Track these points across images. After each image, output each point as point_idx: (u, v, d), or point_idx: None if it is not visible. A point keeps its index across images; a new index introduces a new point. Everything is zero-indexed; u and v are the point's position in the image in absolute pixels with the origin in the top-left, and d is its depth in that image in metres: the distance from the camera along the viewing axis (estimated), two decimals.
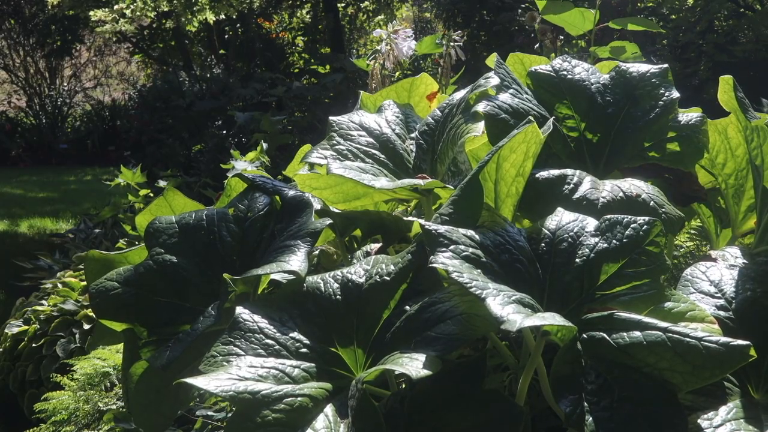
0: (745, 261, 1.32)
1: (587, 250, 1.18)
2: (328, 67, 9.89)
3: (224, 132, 7.35)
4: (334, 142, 1.54)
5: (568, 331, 1.09)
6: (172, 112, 8.26)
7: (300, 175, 1.56)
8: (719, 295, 1.25)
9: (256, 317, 1.18)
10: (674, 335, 1.03)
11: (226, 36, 12.84)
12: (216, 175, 5.75)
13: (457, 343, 1.07)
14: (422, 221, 1.19)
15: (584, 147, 1.58)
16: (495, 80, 1.49)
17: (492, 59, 1.59)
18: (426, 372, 1.00)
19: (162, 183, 4.81)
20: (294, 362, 1.13)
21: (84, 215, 6.39)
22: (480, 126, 1.39)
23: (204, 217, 1.46)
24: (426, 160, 1.54)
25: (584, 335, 1.09)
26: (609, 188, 1.35)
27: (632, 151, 1.54)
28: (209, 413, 1.94)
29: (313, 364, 1.14)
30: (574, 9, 2.59)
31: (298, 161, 1.77)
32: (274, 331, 1.17)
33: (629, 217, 1.19)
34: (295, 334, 1.17)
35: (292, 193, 1.45)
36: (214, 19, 9.85)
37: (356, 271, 1.25)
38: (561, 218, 1.25)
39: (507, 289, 1.06)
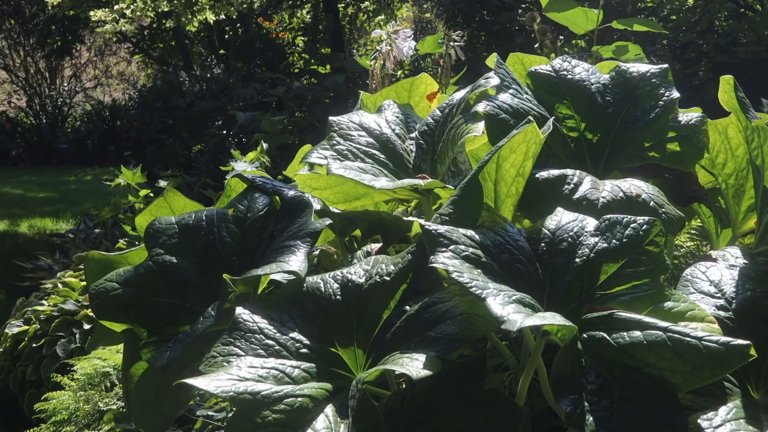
0: (745, 261, 1.32)
1: (587, 249, 1.18)
2: (328, 67, 9.89)
3: (224, 132, 7.35)
4: (334, 142, 1.54)
5: (568, 331, 1.09)
6: (172, 112, 8.26)
7: (300, 175, 1.56)
8: (719, 295, 1.25)
9: (256, 317, 1.18)
10: (674, 335, 1.03)
11: (226, 36, 12.84)
12: (216, 175, 5.74)
13: (458, 343, 1.07)
14: (422, 221, 1.19)
15: (584, 147, 1.58)
16: (495, 80, 1.49)
17: (492, 59, 1.59)
18: (426, 372, 1.00)
19: (162, 183, 4.80)
20: (294, 362, 1.13)
21: (84, 215, 6.39)
22: (480, 126, 1.39)
23: (204, 218, 1.46)
24: (426, 160, 1.54)
25: (584, 335, 1.09)
26: (609, 188, 1.35)
27: (632, 151, 1.54)
28: (209, 413, 1.94)
29: (313, 365, 1.14)
30: (577, 8, 2.59)
31: (298, 161, 1.77)
32: (274, 331, 1.17)
33: (629, 216, 1.19)
34: (295, 335, 1.17)
35: (291, 193, 1.45)
36: (214, 19, 9.85)
37: (356, 271, 1.25)
38: (561, 218, 1.25)
39: (507, 289, 1.06)
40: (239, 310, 1.18)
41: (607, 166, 1.55)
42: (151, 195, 4.41)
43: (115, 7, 9.09)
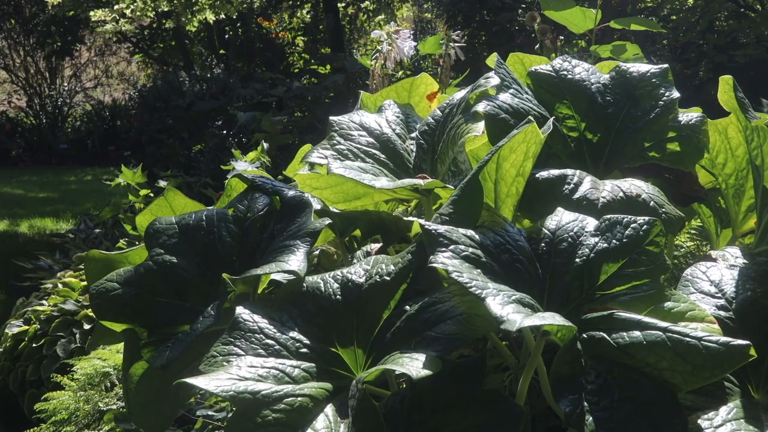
0: (745, 261, 1.32)
1: (587, 249, 1.18)
2: (328, 67, 9.88)
3: (224, 132, 7.35)
4: (335, 141, 1.54)
5: (568, 331, 1.09)
6: (172, 112, 8.25)
7: (300, 175, 1.56)
8: (719, 295, 1.25)
9: (256, 317, 1.18)
10: (674, 335, 1.03)
11: (226, 36, 12.83)
12: (216, 175, 5.74)
13: (458, 343, 1.07)
14: (422, 221, 1.19)
15: (584, 147, 1.58)
16: (495, 80, 1.49)
17: (492, 59, 1.59)
18: (426, 372, 1.00)
19: (162, 183, 4.80)
20: (294, 362, 1.13)
21: (84, 215, 6.39)
22: (480, 126, 1.39)
23: (204, 218, 1.46)
24: (426, 160, 1.54)
25: (584, 335, 1.09)
26: (609, 188, 1.35)
27: (632, 151, 1.54)
28: (209, 413, 1.94)
29: (313, 364, 1.14)
30: (575, 7, 2.59)
31: (298, 161, 1.77)
32: (274, 331, 1.17)
33: (629, 217, 1.19)
34: (295, 334, 1.17)
35: (291, 193, 1.45)
36: (214, 19, 9.85)
37: (356, 271, 1.25)
38: (561, 218, 1.25)
39: (507, 289, 1.06)
40: (239, 309, 1.18)
41: (607, 166, 1.55)
42: (151, 195, 4.40)
43: (115, 7, 9.09)
